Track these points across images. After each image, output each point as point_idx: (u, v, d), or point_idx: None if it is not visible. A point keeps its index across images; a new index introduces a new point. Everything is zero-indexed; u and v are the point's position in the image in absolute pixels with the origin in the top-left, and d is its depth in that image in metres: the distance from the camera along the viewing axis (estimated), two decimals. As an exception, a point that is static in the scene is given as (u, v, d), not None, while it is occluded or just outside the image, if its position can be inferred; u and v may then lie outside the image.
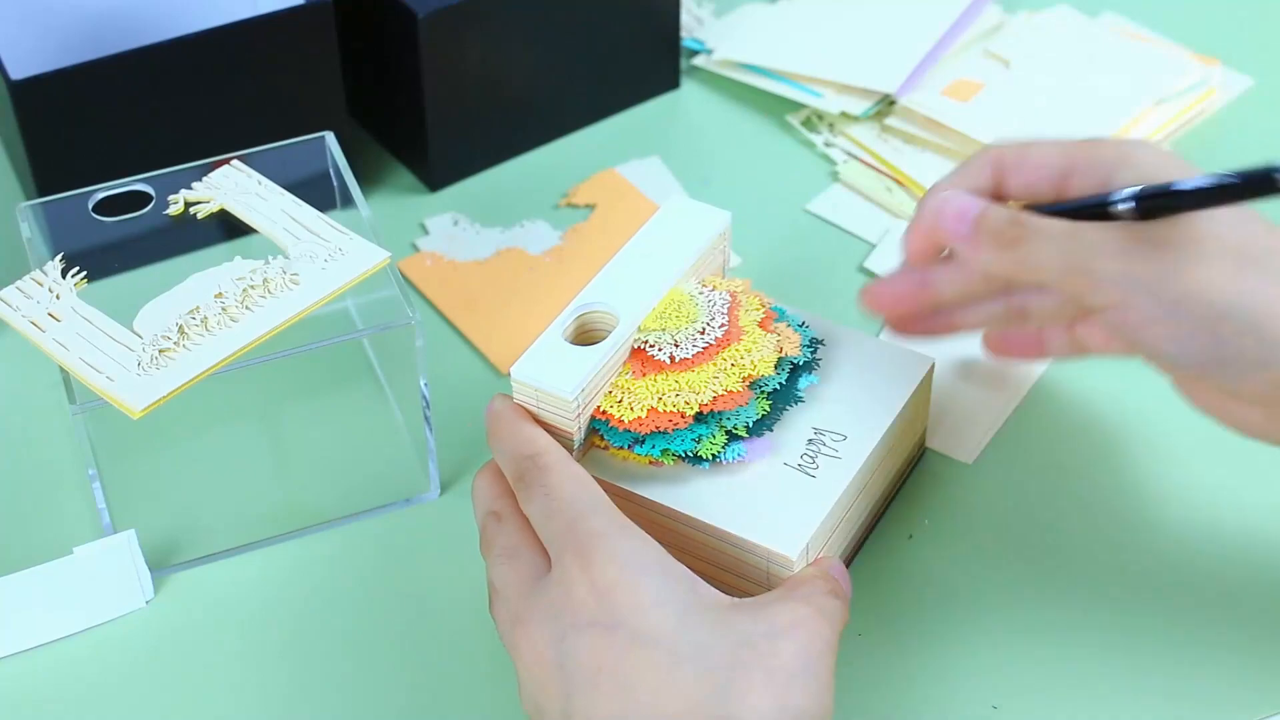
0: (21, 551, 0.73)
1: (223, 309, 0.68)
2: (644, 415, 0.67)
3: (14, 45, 0.87)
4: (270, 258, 0.70)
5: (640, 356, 0.68)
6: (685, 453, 0.67)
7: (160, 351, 0.66)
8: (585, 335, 0.69)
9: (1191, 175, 0.63)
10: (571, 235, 0.89)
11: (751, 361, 0.69)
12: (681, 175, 0.93)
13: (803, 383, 0.71)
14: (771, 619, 0.60)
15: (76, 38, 0.89)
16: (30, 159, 0.82)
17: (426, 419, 0.74)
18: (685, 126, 0.96)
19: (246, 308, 0.68)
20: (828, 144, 0.94)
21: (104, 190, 0.76)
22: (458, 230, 0.90)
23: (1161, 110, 0.93)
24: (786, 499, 0.67)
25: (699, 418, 0.68)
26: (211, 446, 0.78)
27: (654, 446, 0.67)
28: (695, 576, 0.61)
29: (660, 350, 0.68)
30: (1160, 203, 0.63)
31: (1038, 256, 0.65)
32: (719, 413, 0.68)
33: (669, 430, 0.67)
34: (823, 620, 0.60)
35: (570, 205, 0.91)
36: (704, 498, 0.67)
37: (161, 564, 0.73)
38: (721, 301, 0.70)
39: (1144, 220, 0.63)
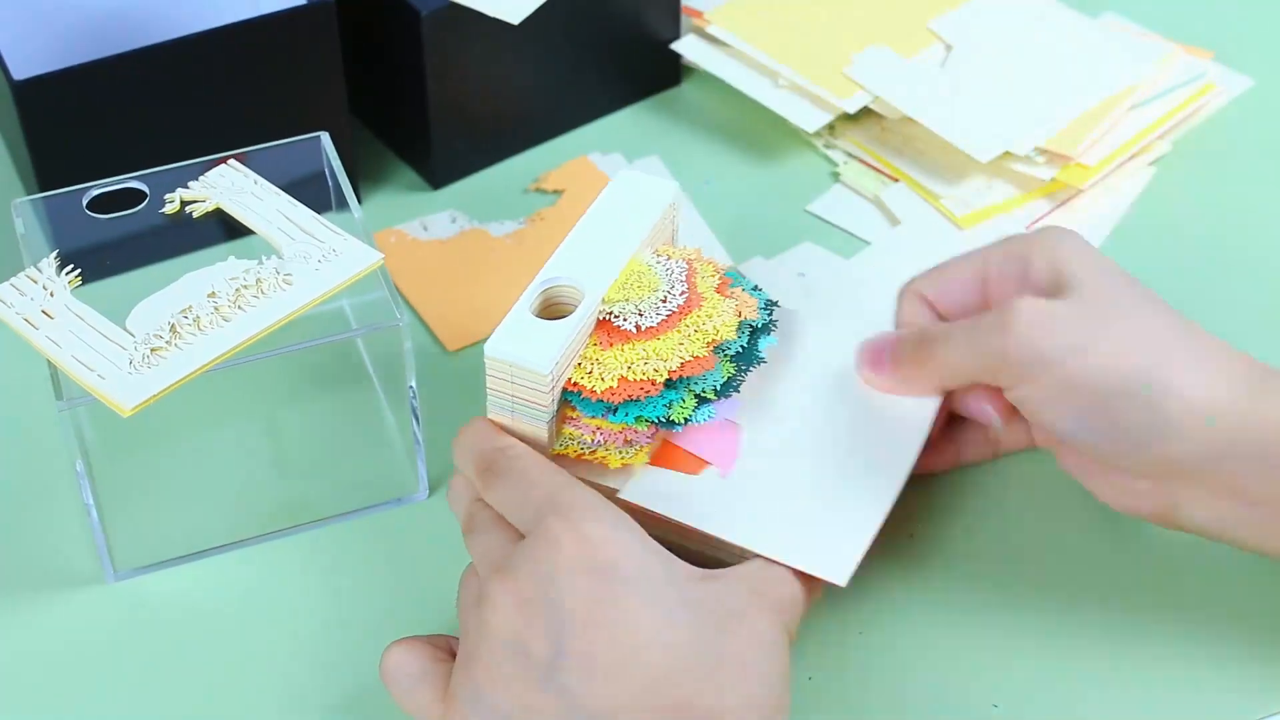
0: (11, 548, 0.73)
1: (215, 308, 0.68)
2: (615, 385, 0.67)
3: (17, 45, 0.86)
4: (264, 258, 0.70)
5: (606, 327, 0.69)
6: (658, 418, 0.68)
7: (152, 350, 0.66)
8: (551, 309, 0.69)
9: (1099, 265, 0.67)
10: (535, 219, 0.89)
11: (714, 327, 0.69)
12: (682, 175, 0.91)
13: (762, 344, 0.71)
14: (735, 598, 0.61)
15: (79, 37, 0.88)
16: (33, 158, 0.81)
17: (415, 420, 0.73)
18: (686, 125, 0.95)
19: (239, 307, 0.68)
20: (828, 145, 0.93)
21: (99, 187, 0.75)
22: (455, 228, 0.89)
23: (1155, 107, 0.91)
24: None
25: (668, 384, 0.68)
26: (204, 445, 0.77)
27: (627, 414, 0.67)
28: (666, 550, 0.62)
29: (625, 320, 0.68)
30: None
31: (950, 359, 0.69)
32: (687, 378, 0.68)
33: (641, 398, 0.67)
34: (773, 613, 0.62)
35: (539, 190, 0.91)
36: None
37: (150, 560, 0.72)
38: (679, 269, 0.71)
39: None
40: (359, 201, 0.88)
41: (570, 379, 0.68)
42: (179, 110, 0.82)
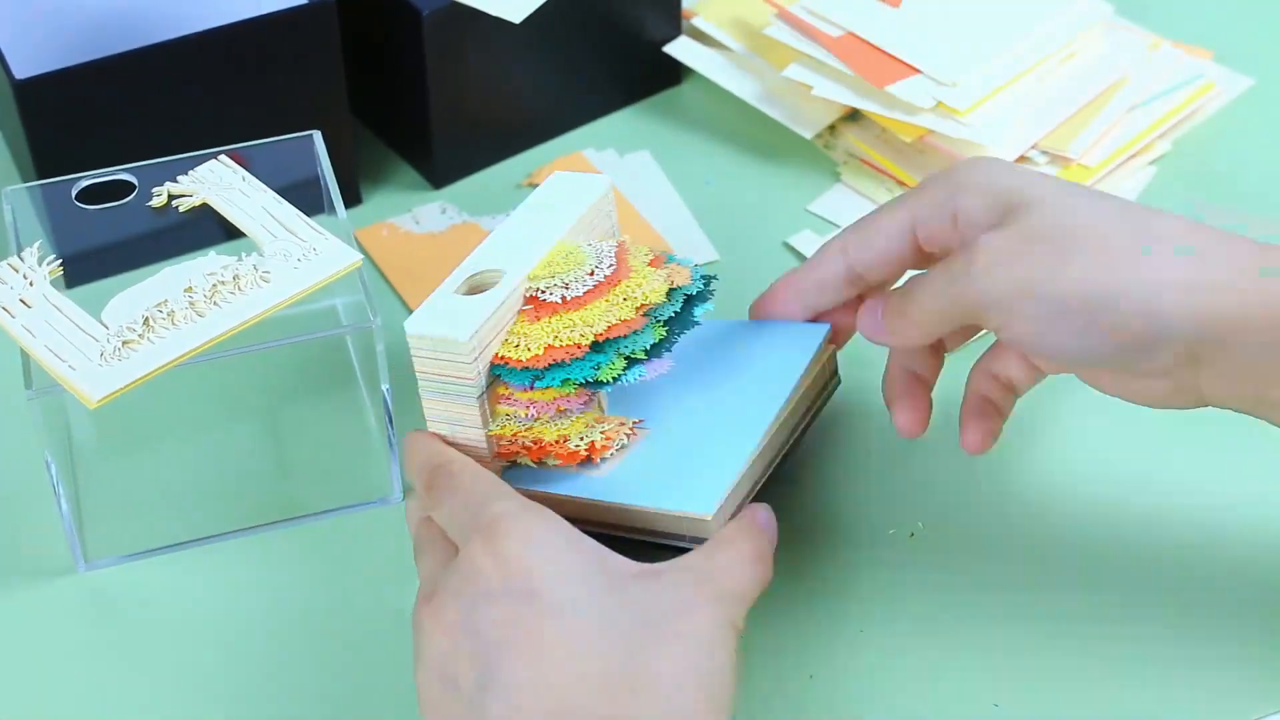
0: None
1: (190, 303, 0.67)
2: (541, 353, 0.66)
3: (18, 44, 0.85)
4: (243, 254, 0.69)
5: (534, 303, 0.68)
6: (585, 379, 0.66)
7: (124, 343, 0.65)
8: (479, 292, 0.68)
9: (1036, 182, 0.63)
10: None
11: (644, 293, 0.68)
12: (682, 174, 0.90)
13: (698, 310, 0.69)
14: (673, 596, 0.58)
15: (81, 37, 0.87)
16: (34, 157, 0.79)
17: (389, 421, 0.72)
18: (686, 124, 0.94)
19: (215, 303, 0.67)
20: (828, 145, 0.92)
21: (88, 179, 0.74)
22: (446, 220, 0.88)
23: (1155, 106, 0.90)
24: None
25: (596, 347, 0.66)
26: (189, 439, 0.76)
27: (554, 378, 0.66)
28: (602, 548, 0.60)
29: (552, 294, 0.67)
30: None
31: (927, 309, 0.65)
32: (616, 340, 0.67)
33: (567, 361, 0.66)
34: (716, 607, 0.58)
35: (532, 185, 0.90)
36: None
37: (123, 552, 0.72)
38: (609, 248, 0.70)
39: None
40: (360, 201, 0.88)
41: (497, 354, 0.67)
42: (180, 110, 0.81)
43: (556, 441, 0.67)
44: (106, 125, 0.80)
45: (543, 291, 0.67)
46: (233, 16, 0.81)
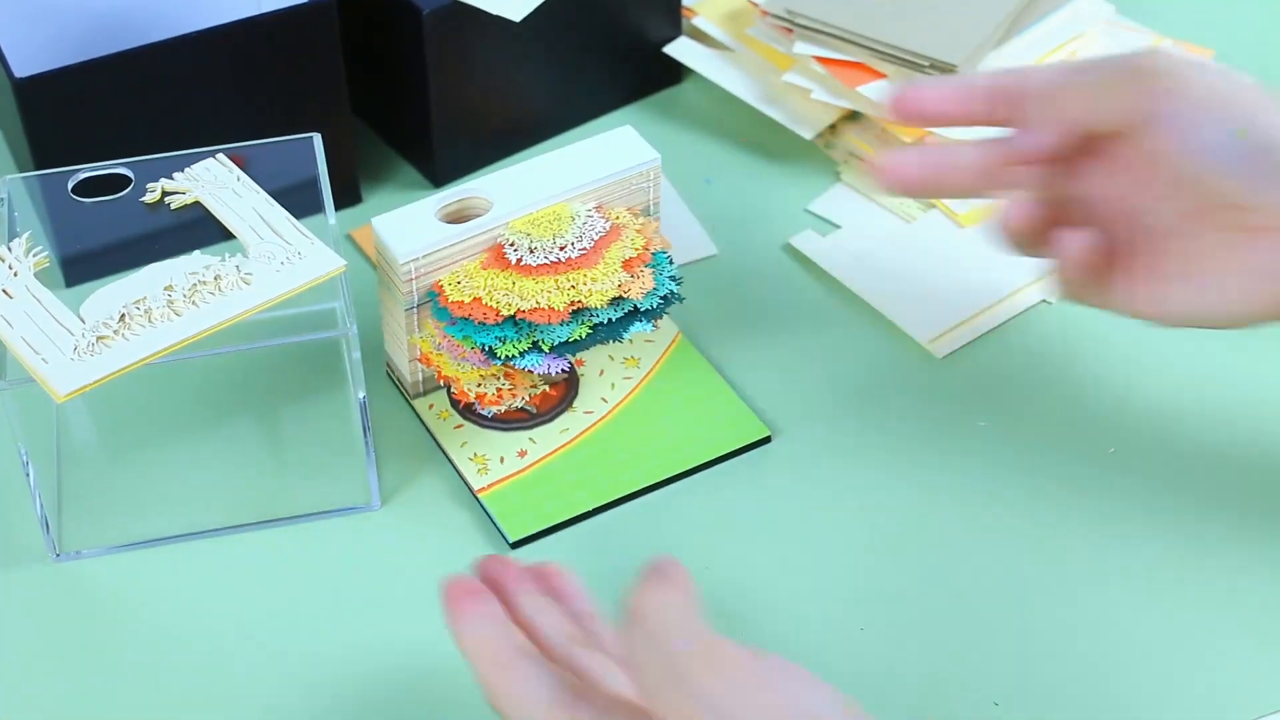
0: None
1: (168, 302, 0.66)
2: (466, 301, 0.69)
3: (19, 43, 0.84)
4: (226, 255, 0.68)
5: (496, 251, 0.70)
6: (483, 345, 0.69)
7: (99, 338, 0.64)
8: (461, 216, 0.71)
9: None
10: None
11: (588, 290, 0.69)
12: (682, 173, 0.89)
13: (633, 327, 0.71)
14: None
15: (81, 36, 0.86)
16: (34, 156, 0.79)
17: (365, 431, 0.71)
18: (687, 123, 0.93)
19: (193, 303, 0.66)
20: (829, 145, 0.91)
21: (86, 171, 0.73)
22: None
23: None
24: None
25: (513, 321, 0.69)
26: (176, 438, 0.75)
27: (459, 331, 0.69)
28: None
29: (514, 251, 0.70)
30: None
31: (1089, 81, 0.64)
32: (531, 323, 0.69)
33: (478, 321, 0.69)
34: None
35: None
36: None
37: (98, 545, 0.71)
38: (600, 227, 0.71)
39: None
40: (360, 200, 0.88)
41: (439, 281, 0.70)
42: (180, 109, 0.80)
43: (453, 377, 0.70)
44: (107, 124, 0.79)
45: (509, 245, 0.69)
46: (233, 16, 0.80)
